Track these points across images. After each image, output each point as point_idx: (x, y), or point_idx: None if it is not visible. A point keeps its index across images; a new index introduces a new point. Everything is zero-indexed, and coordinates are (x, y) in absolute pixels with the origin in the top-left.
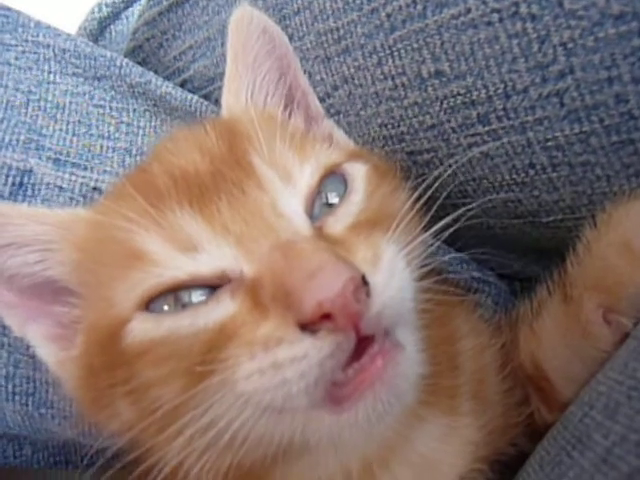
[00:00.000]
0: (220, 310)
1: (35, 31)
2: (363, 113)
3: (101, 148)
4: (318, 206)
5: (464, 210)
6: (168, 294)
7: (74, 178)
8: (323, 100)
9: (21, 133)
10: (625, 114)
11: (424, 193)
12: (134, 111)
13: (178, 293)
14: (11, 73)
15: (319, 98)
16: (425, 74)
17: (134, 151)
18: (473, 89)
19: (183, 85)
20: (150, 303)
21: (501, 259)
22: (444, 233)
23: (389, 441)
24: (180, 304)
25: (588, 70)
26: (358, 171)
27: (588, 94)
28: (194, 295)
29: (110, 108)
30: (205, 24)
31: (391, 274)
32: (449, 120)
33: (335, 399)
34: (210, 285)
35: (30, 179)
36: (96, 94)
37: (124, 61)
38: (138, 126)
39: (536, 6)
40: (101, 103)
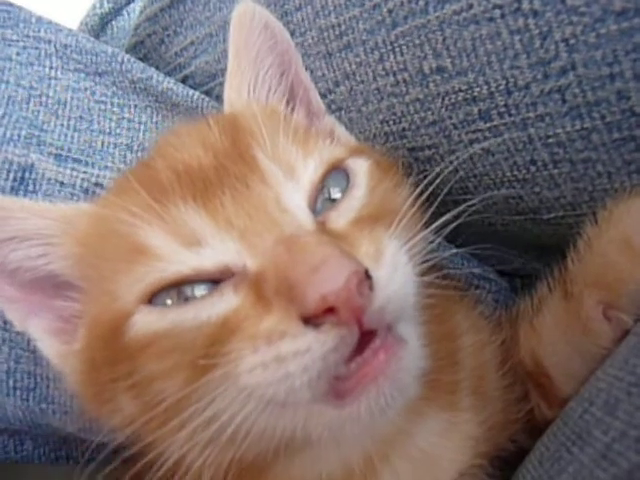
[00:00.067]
0: (223, 304)
1: (37, 27)
2: (364, 109)
3: (102, 144)
4: (321, 201)
5: (465, 206)
6: (171, 289)
7: (75, 174)
8: (324, 96)
9: (22, 128)
10: (627, 111)
11: (425, 189)
12: (135, 107)
13: (181, 288)
14: (13, 69)
15: (320, 94)
16: (427, 70)
17: (135, 147)
18: (475, 85)
19: (184, 81)
20: (153, 297)
21: (502, 256)
22: (445, 229)
23: (390, 436)
24: (183, 298)
25: (590, 66)
26: (360, 167)
27: (590, 91)
28: (197, 289)
29: (111, 104)
30: (207, 20)
31: (394, 269)
32: (450, 116)
33: (338, 393)
34: (213, 280)
35: (31, 174)
36: (97, 90)
37: (125, 57)
38: (139, 122)
39: (538, 2)
40: (102, 99)
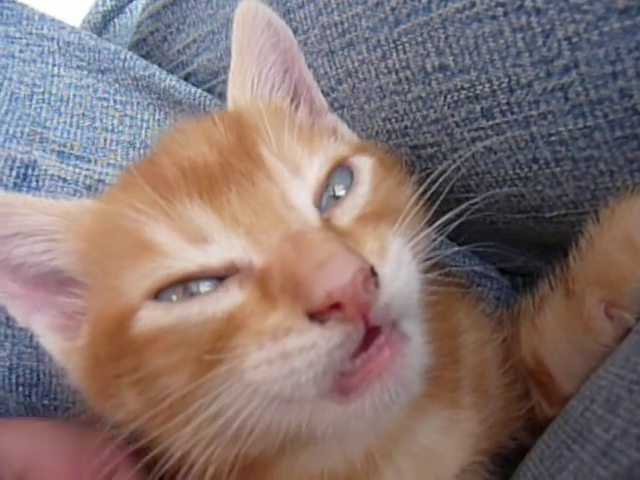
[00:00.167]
0: (228, 300)
1: (39, 24)
2: (367, 107)
3: (105, 141)
4: (325, 198)
5: (468, 204)
6: (177, 285)
7: (78, 171)
8: (327, 94)
9: (25, 125)
10: (629, 109)
11: (428, 187)
12: (138, 104)
13: (187, 284)
14: (15, 66)
15: (323, 92)
16: (429, 68)
17: (138, 144)
18: (477, 83)
19: (187, 78)
20: (159, 293)
21: (504, 254)
22: (447, 227)
23: (392, 432)
24: (188, 293)
25: (592, 64)
26: (364, 164)
27: (592, 89)
28: (202, 286)
29: (114, 101)
30: (209, 17)
31: (399, 266)
32: (453, 114)
33: (342, 389)
34: (219, 276)
35: (34, 171)
36: (100, 87)
37: (128, 54)
38: (142, 119)
39: (541, 0)
40: (105, 96)
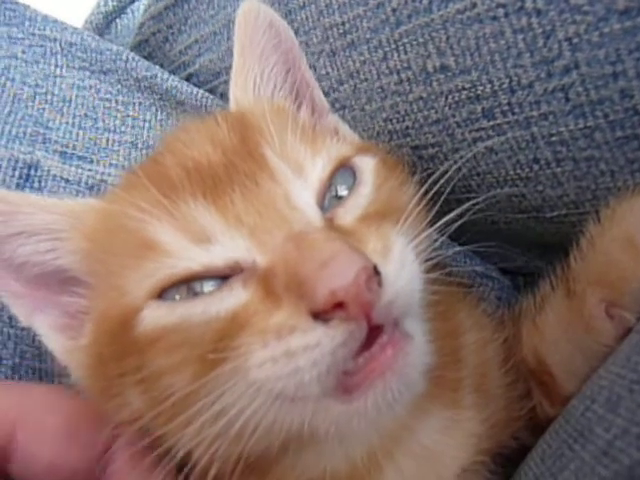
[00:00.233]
0: (232, 299)
1: (42, 25)
2: (368, 107)
3: (107, 141)
4: (328, 198)
5: (469, 205)
6: (181, 285)
7: (80, 171)
8: (328, 94)
9: (28, 126)
10: (630, 109)
11: (430, 188)
12: (140, 105)
13: (191, 284)
14: (18, 66)
15: (324, 92)
16: (430, 68)
17: (140, 145)
18: (478, 84)
19: (189, 79)
20: (163, 292)
21: (505, 254)
22: (449, 227)
23: (394, 432)
24: (192, 293)
25: (593, 65)
26: (367, 164)
27: (593, 89)
28: (206, 286)
29: (116, 102)
30: (211, 18)
31: (402, 265)
32: (454, 115)
33: (345, 388)
34: (222, 276)
35: (37, 172)
36: (102, 88)
37: (130, 55)
38: (144, 120)
39: (541, 1)
40: (107, 97)
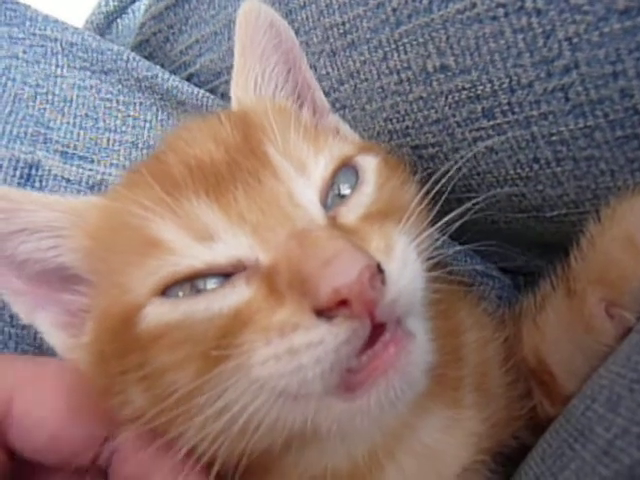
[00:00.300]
0: (235, 296)
1: (43, 25)
2: (368, 107)
3: (108, 141)
4: (331, 197)
5: (470, 204)
6: (184, 282)
7: (81, 171)
8: (329, 94)
9: (29, 126)
10: (630, 109)
11: (432, 187)
12: (141, 105)
13: (194, 281)
14: (19, 66)
15: (325, 92)
16: (430, 68)
17: (140, 145)
18: (478, 83)
19: (189, 79)
20: (166, 290)
21: (505, 253)
22: (450, 227)
23: (395, 430)
24: (195, 290)
25: (593, 65)
26: (369, 164)
27: (593, 89)
28: (209, 283)
29: (117, 102)
30: (212, 18)
31: (404, 264)
32: (454, 114)
33: (348, 386)
34: (225, 273)
35: (38, 171)
36: (103, 88)
37: (131, 55)
38: (145, 120)
39: (541, 1)
40: (108, 97)
